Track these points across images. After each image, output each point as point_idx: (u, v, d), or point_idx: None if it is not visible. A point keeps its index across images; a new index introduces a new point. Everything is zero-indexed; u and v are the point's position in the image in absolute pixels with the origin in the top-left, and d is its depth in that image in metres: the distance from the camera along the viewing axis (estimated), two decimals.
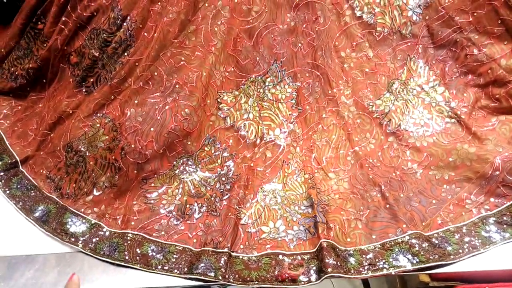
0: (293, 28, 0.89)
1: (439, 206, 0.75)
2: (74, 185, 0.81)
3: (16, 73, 0.92)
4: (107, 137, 0.82)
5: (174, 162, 0.84)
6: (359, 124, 0.88)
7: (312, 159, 0.85)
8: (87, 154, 0.82)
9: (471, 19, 0.84)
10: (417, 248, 0.67)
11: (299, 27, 0.89)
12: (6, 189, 0.80)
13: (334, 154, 0.85)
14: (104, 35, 0.85)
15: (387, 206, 0.75)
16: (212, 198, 0.80)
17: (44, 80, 0.93)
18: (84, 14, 0.85)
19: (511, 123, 0.81)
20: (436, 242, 0.68)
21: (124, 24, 0.86)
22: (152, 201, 0.80)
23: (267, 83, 0.90)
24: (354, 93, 0.89)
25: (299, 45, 0.89)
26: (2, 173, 0.83)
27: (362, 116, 0.88)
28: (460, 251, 0.67)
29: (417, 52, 0.89)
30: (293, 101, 0.90)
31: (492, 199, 0.74)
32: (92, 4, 0.85)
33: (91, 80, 0.88)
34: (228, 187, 0.82)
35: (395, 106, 0.87)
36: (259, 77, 0.90)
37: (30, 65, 0.90)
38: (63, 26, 0.84)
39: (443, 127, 0.85)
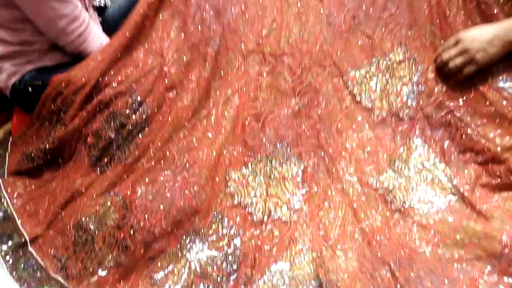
0: (297, 112, 0.96)
1: (451, 287, 0.73)
2: (80, 264, 0.80)
3: (32, 155, 0.97)
4: (117, 215, 0.84)
5: (181, 240, 0.84)
6: (364, 200, 0.89)
7: (320, 236, 0.85)
8: (96, 232, 0.82)
9: (461, 103, 0.90)
10: None
11: (303, 110, 0.96)
12: (13, 271, 0.79)
13: (341, 231, 0.85)
14: (121, 118, 0.92)
15: (398, 286, 0.73)
16: (219, 279, 0.79)
17: (60, 160, 0.97)
18: (104, 99, 0.92)
19: None
20: None
21: (141, 108, 0.92)
22: (158, 282, 0.79)
23: (273, 163, 0.94)
24: (357, 170, 0.92)
25: (303, 127, 0.95)
26: (10, 253, 0.83)
27: (367, 193, 0.90)
28: None
29: (415, 133, 0.94)
30: (299, 179, 0.93)
31: (505, 278, 0.72)
32: (112, 90, 0.93)
33: (106, 159, 0.92)
34: (234, 267, 0.81)
35: (399, 183, 0.90)
36: (266, 157, 0.94)
37: (47, 147, 0.95)
38: (84, 113, 0.91)
39: (447, 204, 0.86)
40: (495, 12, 0.88)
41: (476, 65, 0.86)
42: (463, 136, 0.90)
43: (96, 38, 1.03)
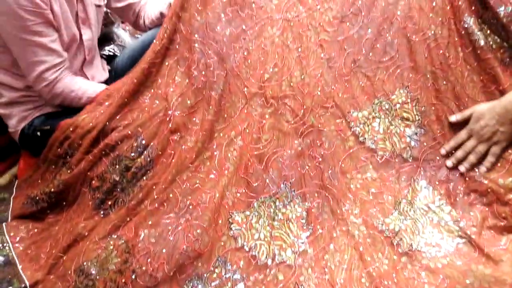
0: (300, 153, 0.96)
1: None
2: None
3: (37, 198, 0.98)
4: (119, 259, 0.83)
5: (184, 286, 0.82)
6: (370, 243, 0.87)
7: (326, 281, 0.83)
8: (97, 277, 0.81)
9: None
10: None
11: (306, 151, 0.96)
12: None
13: (348, 275, 0.83)
14: (126, 161, 0.93)
15: None
16: None
17: (64, 203, 0.98)
18: (110, 143, 0.94)
19: None
20: None
21: (145, 151, 0.94)
22: None
23: (277, 204, 0.93)
24: (362, 212, 0.91)
25: (307, 167, 0.95)
26: None
27: (373, 235, 0.88)
28: None
29: (419, 174, 0.93)
30: (304, 221, 0.92)
31: None
32: (118, 134, 0.95)
33: (109, 202, 0.92)
34: None
35: (405, 225, 0.88)
36: (269, 198, 0.93)
37: (52, 190, 0.96)
38: (90, 157, 0.93)
39: (455, 247, 0.84)
40: (488, 57, 0.90)
41: (500, 144, 0.87)
42: (467, 178, 0.89)
43: (71, 88, 1.01)
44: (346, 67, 0.98)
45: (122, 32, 1.45)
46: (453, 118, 0.92)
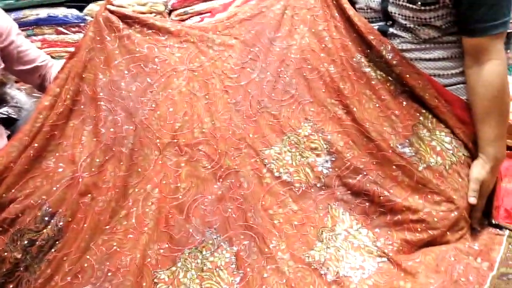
0: (221, 196, 0.96)
1: None
2: None
3: None
4: None
5: None
6: (301, 277, 0.88)
7: None
8: None
9: (372, 167, 0.98)
10: None
11: (226, 194, 0.96)
12: None
13: None
14: (30, 235, 0.85)
15: None
16: None
17: None
18: (9, 217, 0.85)
19: (432, 252, 0.87)
20: None
21: (52, 220, 0.87)
22: None
23: (204, 253, 0.90)
24: (288, 247, 0.92)
25: (229, 210, 0.95)
26: None
27: (301, 269, 0.89)
28: None
29: (336, 200, 0.98)
30: (233, 266, 0.90)
31: None
32: (18, 205, 0.86)
33: (11, 286, 0.82)
34: None
35: (329, 254, 0.91)
36: (195, 248, 0.91)
37: None
38: None
39: (376, 267, 0.88)
40: (380, 87, 1.01)
41: None
42: (381, 198, 0.95)
43: None
44: (252, 108, 1.02)
45: (17, 93, 1.35)
46: (472, 199, 0.95)
